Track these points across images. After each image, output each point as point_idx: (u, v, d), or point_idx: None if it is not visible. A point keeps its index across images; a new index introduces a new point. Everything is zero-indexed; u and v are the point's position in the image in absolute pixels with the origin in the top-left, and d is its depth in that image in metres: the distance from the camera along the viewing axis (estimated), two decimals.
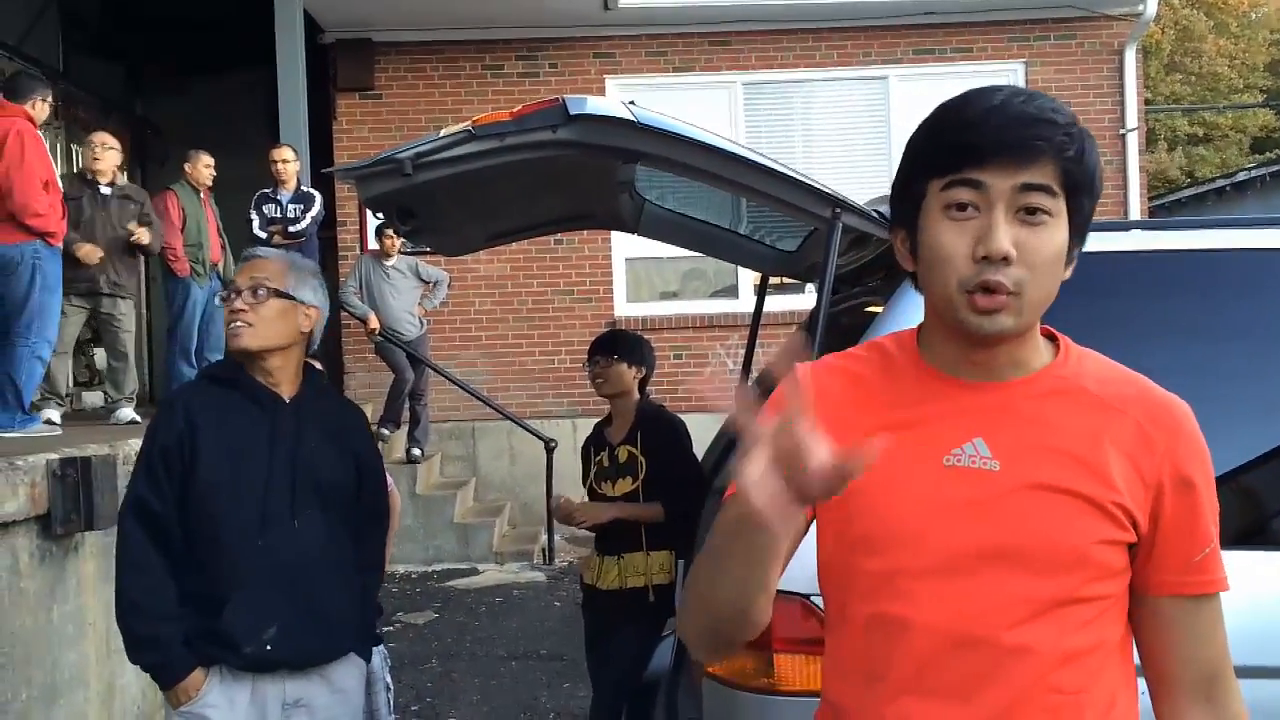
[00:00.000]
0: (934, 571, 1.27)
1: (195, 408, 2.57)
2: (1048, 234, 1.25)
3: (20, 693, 3.76)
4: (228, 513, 2.51)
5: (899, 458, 1.29)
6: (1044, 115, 1.25)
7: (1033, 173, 1.23)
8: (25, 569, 3.85)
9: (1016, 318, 1.26)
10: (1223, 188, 14.69)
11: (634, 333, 4.13)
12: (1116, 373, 1.36)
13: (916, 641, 1.27)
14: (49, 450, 4.15)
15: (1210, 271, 2.58)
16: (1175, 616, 1.31)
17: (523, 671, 5.88)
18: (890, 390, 1.36)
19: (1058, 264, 1.27)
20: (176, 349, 7.60)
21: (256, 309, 2.57)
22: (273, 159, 7.97)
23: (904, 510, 1.29)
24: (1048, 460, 1.27)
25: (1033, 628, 1.25)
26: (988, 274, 1.24)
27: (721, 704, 2.34)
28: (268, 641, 2.51)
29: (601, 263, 9.68)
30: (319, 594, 2.58)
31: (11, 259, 5.62)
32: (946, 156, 1.27)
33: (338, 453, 2.66)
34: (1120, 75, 9.79)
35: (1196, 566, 1.30)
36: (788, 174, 2.55)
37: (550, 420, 9.07)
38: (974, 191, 1.25)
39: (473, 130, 2.50)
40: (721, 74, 9.73)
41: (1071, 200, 1.26)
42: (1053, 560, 1.25)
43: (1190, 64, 22.83)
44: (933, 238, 1.28)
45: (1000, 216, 1.23)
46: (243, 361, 2.63)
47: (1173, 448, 1.29)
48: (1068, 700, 1.26)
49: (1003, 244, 1.22)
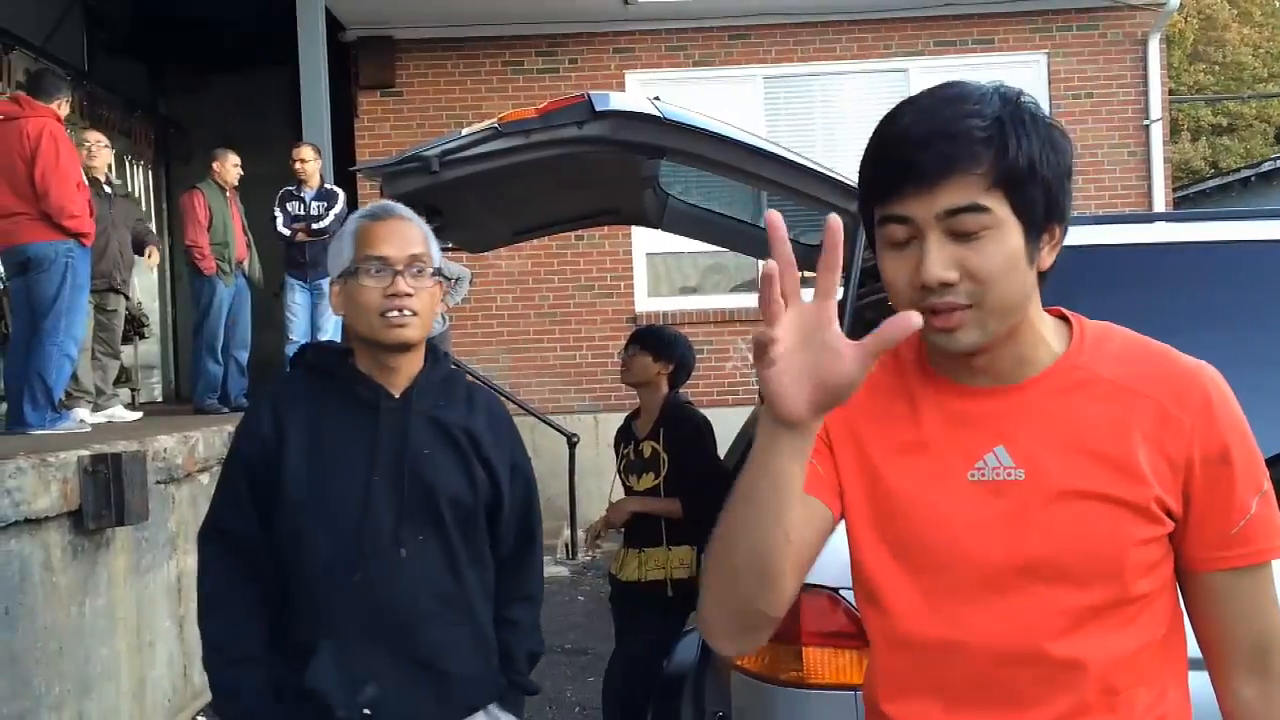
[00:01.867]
0: (973, 590, 1.25)
1: (284, 406, 2.10)
2: (992, 246, 1.19)
3: (54, 686, 3.81)
4: (314, 539, 2.03)
5: (923, 477, 1.28)
6: (951, 130, 1.18)
7: (951, 194, 1.18)
8: (58, 564, 3.89)
9: (981, 329, 1.22)
10: (1248, 178, 14.55)
11: (674, 330, 4.13)
12: (1137, 349, 1.30)
13: (965, 661, 1.26)
14: (80, 447, 4.19)
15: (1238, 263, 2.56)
16: (1220, 591, 1.27)
17: (547, 665, 5.89)
18: (903, 399, 1.32)
19: (1013, 269, 1.20)
20: (203, 347, 7.67)
21: (420, 293, 2.07)
22: (293, 158, 8.02)
23: (935, 532, 1.26)
24: (1074, 463, 1.23)
25: (1080, 638, 1.23)
26: (932, 299, 1.20)
27: (750, 698, 2.34)
28: (364, 704, 2.00)
29: (622, 258, 9.69)
30: (433, 642, 2.06)
31: (46, 257, 5.69)
32: (869, 189, 1.25)
33: (461, 459, 2.12)
34: (1144, 65, 9.72)
35: (1235, 539, 1.25)
36: (813, 168, 2.56)
37: (572, 415, 9.10)
38: (903, 225, 1.21)
39: (499, 127, 2.52)
40: (742, 68, 9.71)
41: (1015, 199, 1.19)
42: (1091, 570, 1.22)
43: (1214, 53, 22.62)
44: (881, 268, 1.27)
45: (932, 244, 1.19)
46: (356, 348, 2.15)
47: (1199, 424, 1.23)
48: (1121, 699, 1.25)
49: (933, 273, 1.18)
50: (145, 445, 4.55)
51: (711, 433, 3.89)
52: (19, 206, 5.64)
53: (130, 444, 4.48)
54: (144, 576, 4.63)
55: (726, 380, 9.49)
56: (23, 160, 5.61)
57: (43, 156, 5.59)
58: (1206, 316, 2.49)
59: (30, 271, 5.72)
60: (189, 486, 5.20)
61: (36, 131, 5.63)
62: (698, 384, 8.93)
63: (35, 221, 5.65)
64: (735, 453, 3.93)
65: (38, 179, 5.58)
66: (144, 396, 10.20)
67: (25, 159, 5.61)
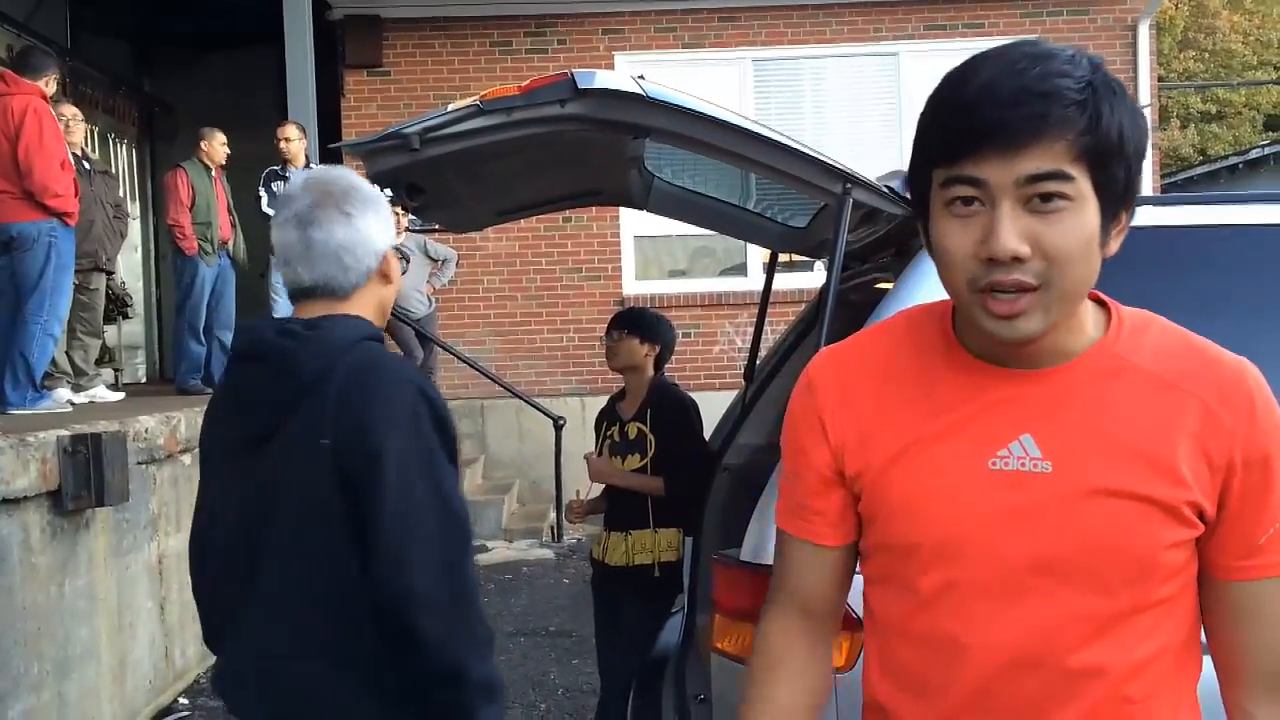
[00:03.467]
0: (987, 588, 1.18)
1: None
2: (1071, 220, 1.09)
3: (33, 666, 3.79)
4: None
5: (941, 462, 1.21)
6: (1043, 88, 1.08)
7: (1037, 159, 1.07)
8: (36, 545, 3.87)
9: (1044, 315, 1.12)
10: (1235, 165, 14.60)
11: (655, 311, 4.12)
12: (1178, 343, 1.21)
13: (974, 662, 1.19)
14: (59, 427, 4.16)
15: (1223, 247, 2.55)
16: (1243, 602, 1.20)
17: (531, 648, 5.89)
18: (922, 379, 1.24)
19: (1088, 250, 1.11)
20: (185, 327, 7.62)
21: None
22: (277, 137, 7.96)
23: (950, 522, 1.19)
24: (1107, 458, 1.15)
25: (1099, 646, 1.16)
26: (997, 274, 1.10)
27: (729, 680, 2.34)
28: None
29: (610, 240, 9.66)
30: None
31: (29, 236, 5.64)
32: (940, 148, 1.13)
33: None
34: (1133, 52, 9.70)
35: (1260, 549, 1.18)
36: (798, 148, 2.53)
37: (559, 398, 9.07)
38: (974, 188, 1.10)
39: (481, 105, 2.48)
40: (731, 50, 9.67)
41: (1098, 174, 1.10)
42: (1117, 574, 1.15)
43: (1204, 40, 22.63)
44: (937, 237, 1.15)
45: (1006, 212, 1.09)
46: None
47: (1243, 426, 1.16)
48: (1138, 709, 1.18)
49: (1007, 245, 1.08)
50: (126, 426, 4.52)
51: (698, 414, 3.88)
52: (2, 185, 5.59)
53: (111, 424, 4.45)
54: (124, 557, 4.61)
55: (714, 364, 9.48)
56: (6, 138, 5.56)
57: (26, 135, 5.54)
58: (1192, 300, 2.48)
59: (14, 251, 5.67)
60: (170, 467, 5.17)
61: (21, 109, 5.58)
62: (684, 367, 8.93)
63: (18, 200, 5.60)
64: (719, 436, 3.91)
65: (21, 157, 5.53)
66: (128, 377, 10.14)
67: (9, 137, 5.56)
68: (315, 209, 1.82)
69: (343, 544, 1.68)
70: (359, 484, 1.67)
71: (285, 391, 1.74)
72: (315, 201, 1.82)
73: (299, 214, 1.83)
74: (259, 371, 1.79)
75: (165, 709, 4.91)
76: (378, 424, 1.70)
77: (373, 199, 1.88)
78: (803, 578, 1.36)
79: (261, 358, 1.79)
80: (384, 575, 1.66)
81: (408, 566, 1.66)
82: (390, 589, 1.66)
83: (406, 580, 1.66)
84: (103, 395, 6.82)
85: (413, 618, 1.65)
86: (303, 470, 1.71)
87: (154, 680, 4.86)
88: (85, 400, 6.63)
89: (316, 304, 1.85)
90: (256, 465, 1.77)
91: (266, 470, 1.75)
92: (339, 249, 1.81)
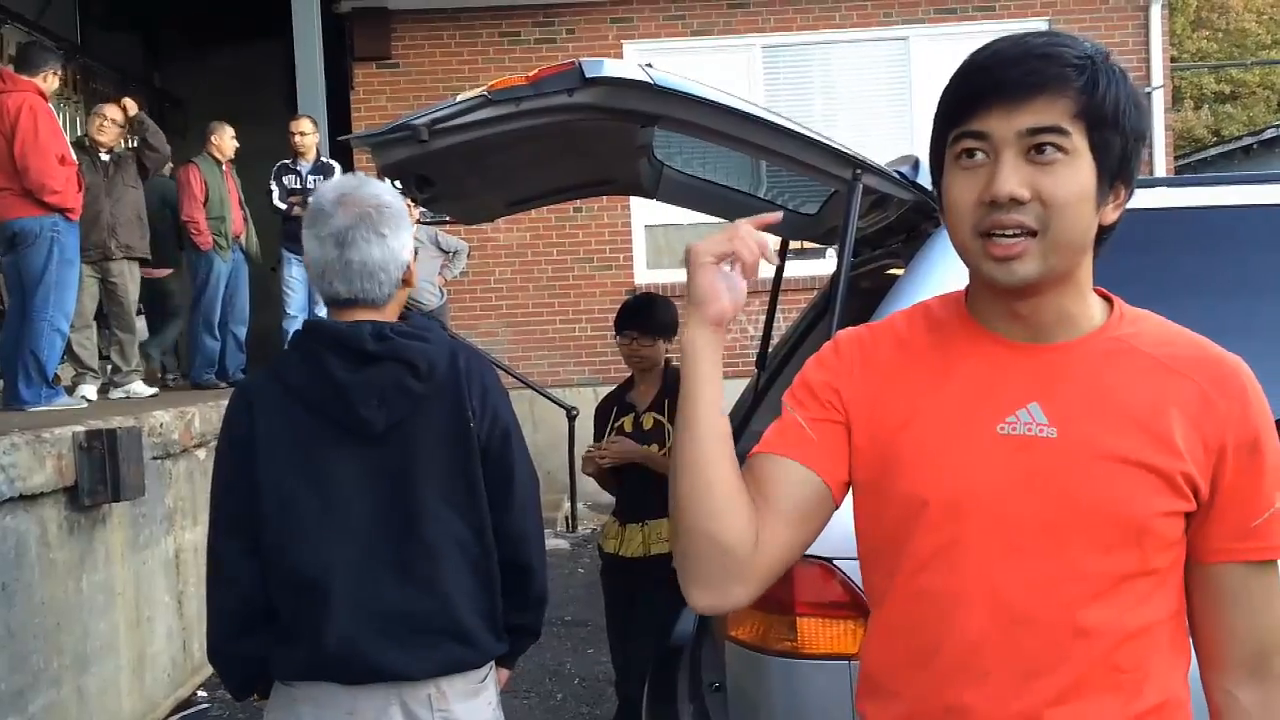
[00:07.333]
0: (989, 546, 1.22)
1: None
2: (1065, 172, 1.19)
3: (51, 661, 3.81)
4: None
5: (950, 424, 1.26)
6: (1047, 50, 1.19)
7: (1036, 113, 1.18)
8: (54, 540, 3.89)
9: (1041, 260, 1.20)
10: (1250, 145, 14.47)
11: (661, 299, 4.04)
12: (1174, 334, 1.30)
13: (970, 619, 1.23)
14: (75, 423, 4.18)
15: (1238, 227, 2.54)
16: (1226, 585, 1.26)
17: (547, 638, 5.87)
18: (937, 352, 1.31)
19: (1083, 203, 1.20)
20: (200, 322, 7.65)
21: None
22: (291, 131, 7.97)
23: (957, 481, 1.24)
24: (1109, 427, 1.22)
25: (1095, 608, 1.21)
26: (998, 214, 1.19)
27: (745, 668, 2.34)
28: None
29: (621, 230, 9.64)
30: None
31: (31, 232, 5.66)
32: (953, 107, 1.24)
33: None
34: (1146, 32, 9.63)
35: (1253, 532, 1.24)
36: (807, 135, 2.52)
37: (571, 388, 9.07)
38: (979, 140, 1.21)
39: (489, 95, 2.47)
40: (740, 37, 9.63)
41: (1094, 135, 1.19)
42: (1115, 535, 1.20)
43: (1217, 20, 22.44)
44: (946, 188, 1.25)
45: (1007, 160, 1.19)
46: None
47: (1235, 411, 1.23)
48: (1127, 679, 1.22)
49: (1006, 186, 1.18)
50: (141, 421, 4.55)
51: None
52: (3, 182, 5.61)
53: (126, 420, 4.47)
54: (142, 552, 4.63)
55: (726, 352, 9.41)
56: (3, 136, 5.57)
57: (21, 132, 5.55)
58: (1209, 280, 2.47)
59: (17, 247, 5.70)
60: (186, 461, 5.19)
61: (15, 107, 5.59)
62: None
63: (19, 197, 5.62)
64: (732, 423, 3.90)
65: (17, 154, 5.55)
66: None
67: (5, 135, 5.57)
68: (352, 230, 2.02)
69: (480, 499, 2.10)
70: (496, 455, 2.12)
71: (423, 385, 2.05)
72: (352, 223, 2.01)
73: (336, 235, 2.02)
74: (382, 371, 2.02)
75: (184, 702, 4.94)
76: (502, 408, 2.15)
77: (400, 214, 2.09)
78: (774, 488, 1.30)
79: (382, 358, 2.03)
80: (514, 520, 2.15)
81: (529, 513, 2.19)
82: (516, 529, 2.16)
83: (528, 524, 2.19)
84: (139, 391, 6.86)
85: (528, 553, 2.19)
86: (449, 447, 2.07)
87: (172, 673, 4.89)
88: (122, 396, 6.67)
89: (357, 310, 2.07)
90: (373, 450, 2.04)
91: (397, 450, 2.04)
92: (376, 268, 2.04)
